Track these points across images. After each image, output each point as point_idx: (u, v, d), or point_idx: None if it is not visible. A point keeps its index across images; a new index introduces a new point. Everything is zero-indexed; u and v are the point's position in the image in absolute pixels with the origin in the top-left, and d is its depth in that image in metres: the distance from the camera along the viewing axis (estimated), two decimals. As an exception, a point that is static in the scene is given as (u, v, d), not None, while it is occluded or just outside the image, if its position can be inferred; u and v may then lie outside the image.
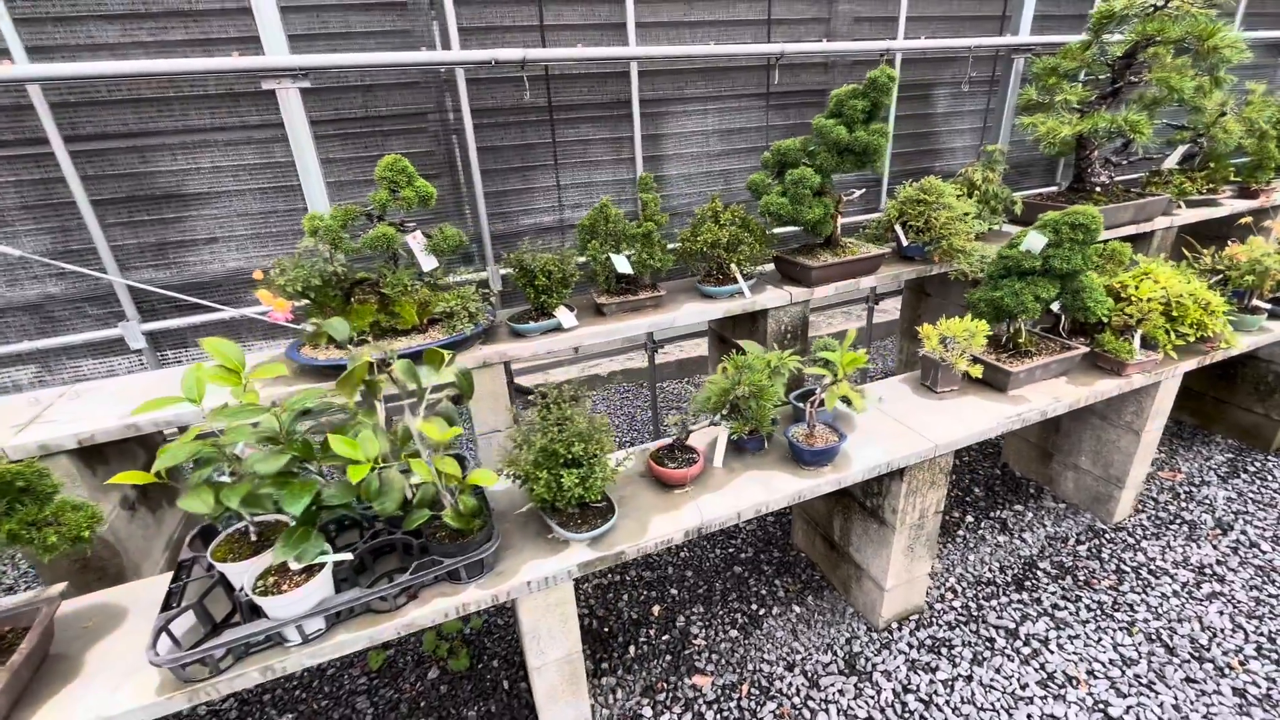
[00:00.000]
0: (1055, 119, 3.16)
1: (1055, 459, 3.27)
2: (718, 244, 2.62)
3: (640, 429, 4.15)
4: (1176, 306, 2.57)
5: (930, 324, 2.48)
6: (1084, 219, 2.27)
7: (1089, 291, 2.43)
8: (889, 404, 2.48)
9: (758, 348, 2.14)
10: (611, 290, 2.68)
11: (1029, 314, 2.39)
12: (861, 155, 2.58)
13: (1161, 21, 2.93)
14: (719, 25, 3.02)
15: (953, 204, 3.02)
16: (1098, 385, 2.52)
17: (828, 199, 2.74)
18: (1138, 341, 2.56)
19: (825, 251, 2.94)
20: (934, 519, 2.41)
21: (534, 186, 2.98)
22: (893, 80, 2.45)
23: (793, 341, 2.98)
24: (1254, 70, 4.97)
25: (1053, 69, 3.35)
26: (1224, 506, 3.14)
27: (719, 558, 3.00)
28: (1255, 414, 3.56)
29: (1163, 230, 3.80)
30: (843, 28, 3.64)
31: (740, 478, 2.07)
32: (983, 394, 2.51)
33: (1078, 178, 3.67)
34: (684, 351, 4.82)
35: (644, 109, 2.99)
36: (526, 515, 1.93)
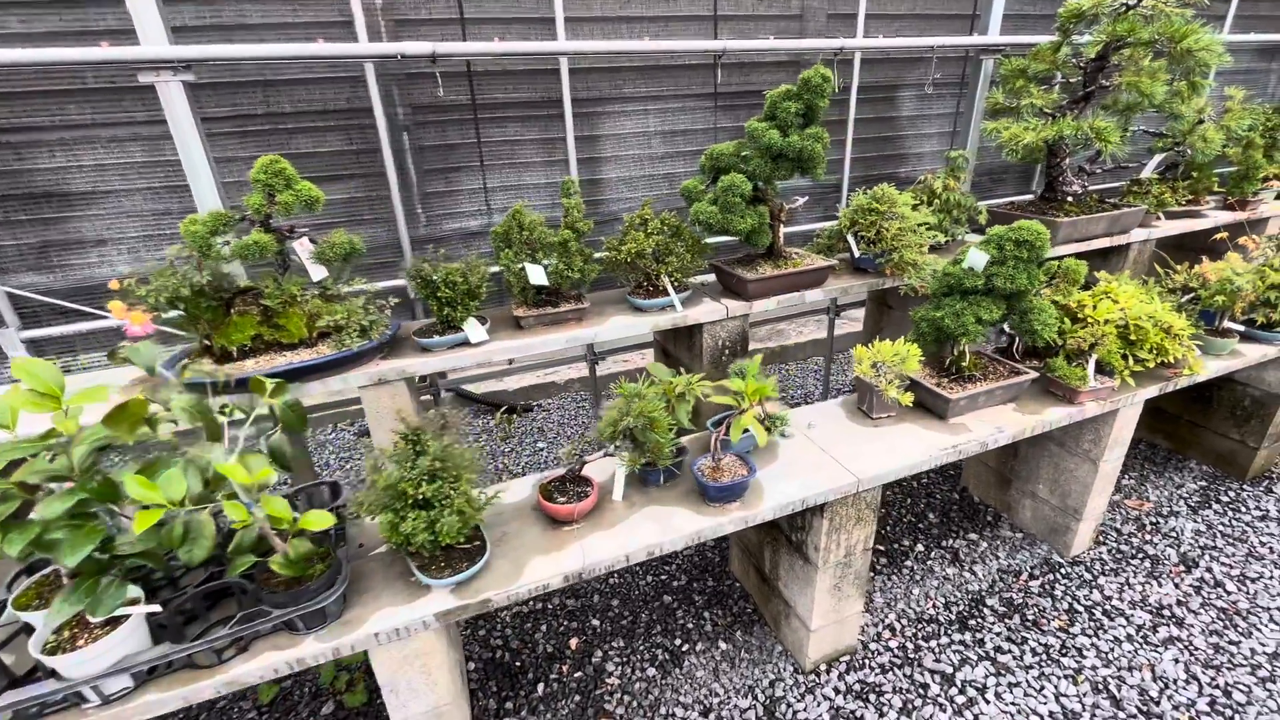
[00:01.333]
0: (1019, 125, 2.97)
1: (1014, 486, 3.09)
2: (642, 254, 2.45)
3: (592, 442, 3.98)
4: (1134, 329, 2.38)
5: (891, 339, 2.30)
6: (1029, 235, 2.09)
7: (1036, 313, 2.24)
8: (820, 430, 2.31)
9: (665, 371, 1.97)
10: (530, 302, 2.51)
11: (970, 337, 2.21)
12: (797, 161, 2.40)
13: (1132, 22, 2.73)
14: (659, 21, 2.84)
15: (906, 214, 2.83)
16: (1046, 414, 2.34)
17: (764, 207, 2.56)
18: (1092, 367, 2.37)
19: (766, 263, 2.76)
20: (863, 557, 2.23)
21: (459, 189, 2.81)
22: (827, 81, 2.27)
23: (732, 357, 2.80)
24: (1246, 75, 4.76)
25: (1021, 71, 3.16)
26: (1191, 540, 2.95)
27: (650, 585, 2.83)
28: (1231, 440, 3.36)
29: (1140, 243, 3.61)
30: (815, 25, 3.45)
31: (638, 514, 1.90)
32: (922, 421, 2.33)
33: (1049, 187, 3.47)
34: (629, 363, 4.64)
35: (578, 108, 2.82)
36: (393, 553, 1.77)
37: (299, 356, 2.09)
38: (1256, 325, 2.81)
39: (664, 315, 2.59)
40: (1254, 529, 3.00)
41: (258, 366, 2.01)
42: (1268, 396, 3.17)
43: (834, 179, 3.52)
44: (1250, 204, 3.91)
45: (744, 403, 1.82)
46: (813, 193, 3.52)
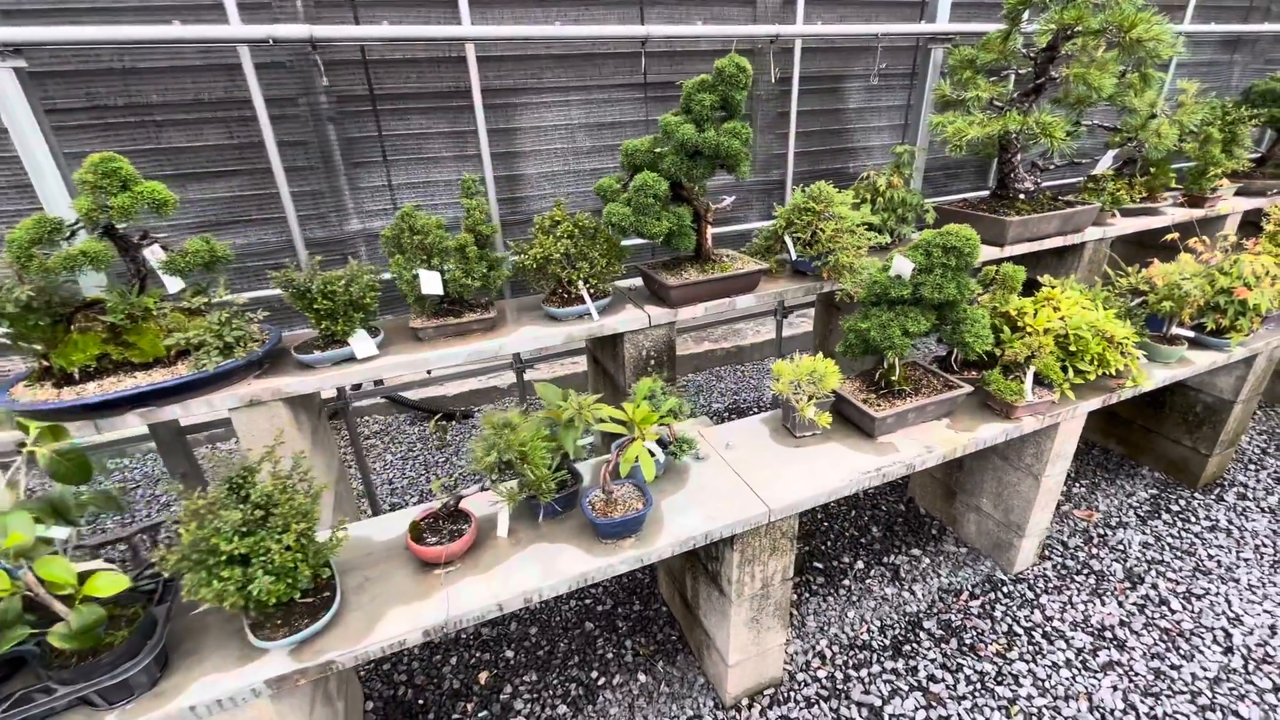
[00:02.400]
0: (964, 119, 2.80)
1: (958, 499, 2.96)
2: (549, 259, 2.25)
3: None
4: (1074, 340, 2.23)
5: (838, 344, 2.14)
6: (956, 241, 1.92)
7: (969, 324, 2.08)
8: (738, 451, 2.14)
9: (554, 393, 1.78)
10: (429, 312, 2.30)
11: (896, 350, 2.05)
12: (716, 159, 2.21)
13: (1080, 9, 2.57)
14: (578, 5, 2.62)
15: (844, 213, 2.66)
16: (980, 431, 2.19)
17: (685, 208, 2.37)
18: (1030, 380, 2.23)
19: (692, 267, 2.57)
20: (782, 587, 2.07)
21: (360, 186, 2.58)
22: (743, 71, 2.07)
23: (657, 368, 2.62)
24: (1209, 67, 4.64)
25: (969, 62, 2.99)
26: (1138, 554, 2.84)
27: (573, 610, 2.66)
28: (1183, 446, 3.26)
29: (1095, 242, 3.47)
30: (770, 10, 3.25)
31: (523, 553, 1.71)
32: (848, 439, 2.17)
33: (1001, 184, 3.32)
34: (565, 368, 4.46)
35: (490, 99, 2.60)
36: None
37: (151, 378, 1.87)
38: (1206, 331, 2.69)
39: (580, 325, 2.40)
40: (1202, 541, 2.90)
41: (101, 390, 1.79)
42: (1219, 403, 3.06)
43: (778, 175, 3.34)
44: (1209, 201, 3.80)
45: (637, 432, 1.64)
46: (757, 190, 3.34)
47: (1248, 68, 4.82)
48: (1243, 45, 4.67)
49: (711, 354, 4.95)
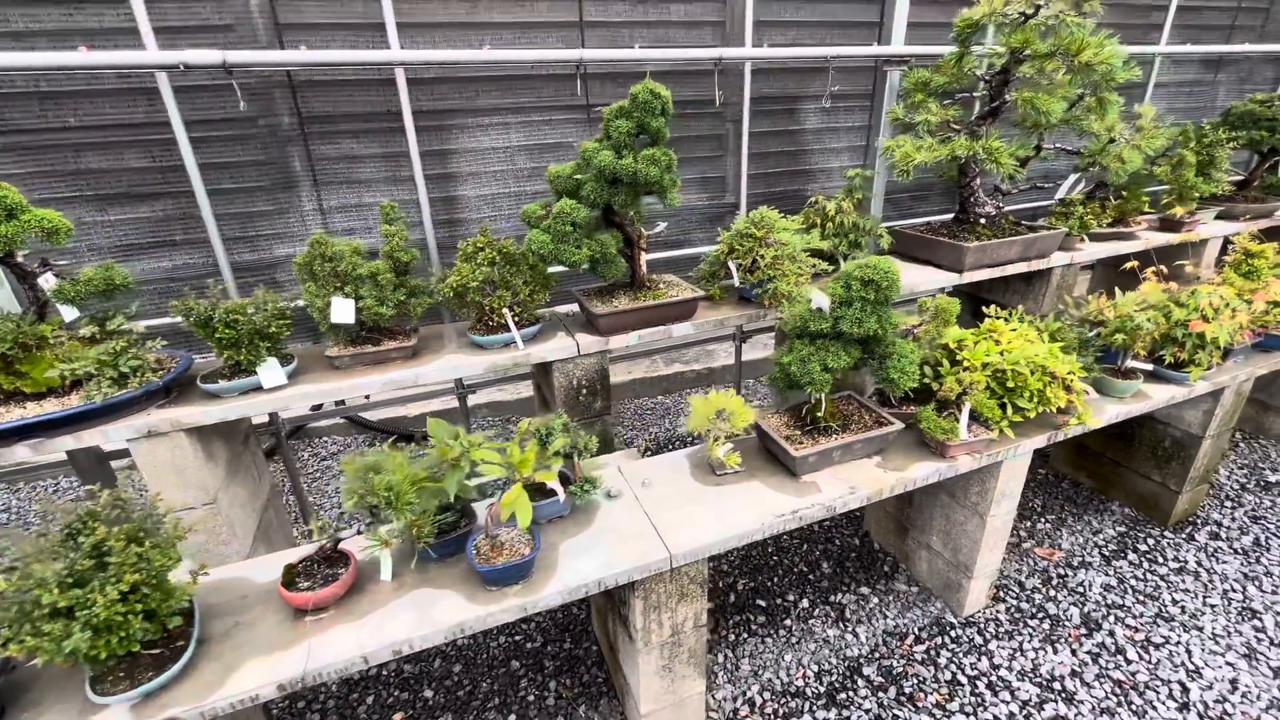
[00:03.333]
0: (912, 143, 2.73)
1: (910, 535, 2.84)
2: (465, 289, 2.19)
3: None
4: (1012, 375, 2.13)
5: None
6: (874, 274, 1.84)
7: (894, 359, 1.99)
8: (656, 489, 2.05)
9: (445, 430, 1.71)
10: (347, 339, 2.25)
11: (816, 386, 1.96)
12: (636, 186, 2.15)
13: (1026, 33, 2.49)
14: (514, 28, 2.59)
15: (786, 239, 2.58)
16: (911, 471, 2.09)
17: (610, 236, 2.31)
18: (965, 417, 2.13)
19: (624, 295, 2.51)
20: (695, 634, 1.97)
21: (288, 209, 2.55)
22: (659, 98, 2.02)
23: (590, 398, 2.55)
24: (1192, 87, 4.54)
25: (922, 84, 2.92)
26: (1098, 597, 2.70)
27: (501, 646, 2.57)
28: (1152, 481, 3.12)
29: (1063, 268, 3.36)
30: (740, 33, 3.21)
31: (403, 599, 1.64)
32: (772, 477, 2.08)
33: (961, 208, 3.23)
34: (523, 391, 4.39)
35: (423, 121, 2.56)
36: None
37: (42, 409, 1.82)
38: (1166, 364, 2.57)
39: (504, 354, 2.33)
40: (1168, 584, 2.75)
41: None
42: (1188, 438, 2.93)
43: (731, 199, 3.28)
44: (1187, 224, 3.68)
45: (518, 475, 1.56)
46: (711, 213, 3.27)
47: (1232, 88, 4.71)
48: (1226, 65, 4.57)
49: (682, 376, 4.87)
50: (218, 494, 2.17)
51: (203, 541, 2.19)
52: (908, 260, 3.31)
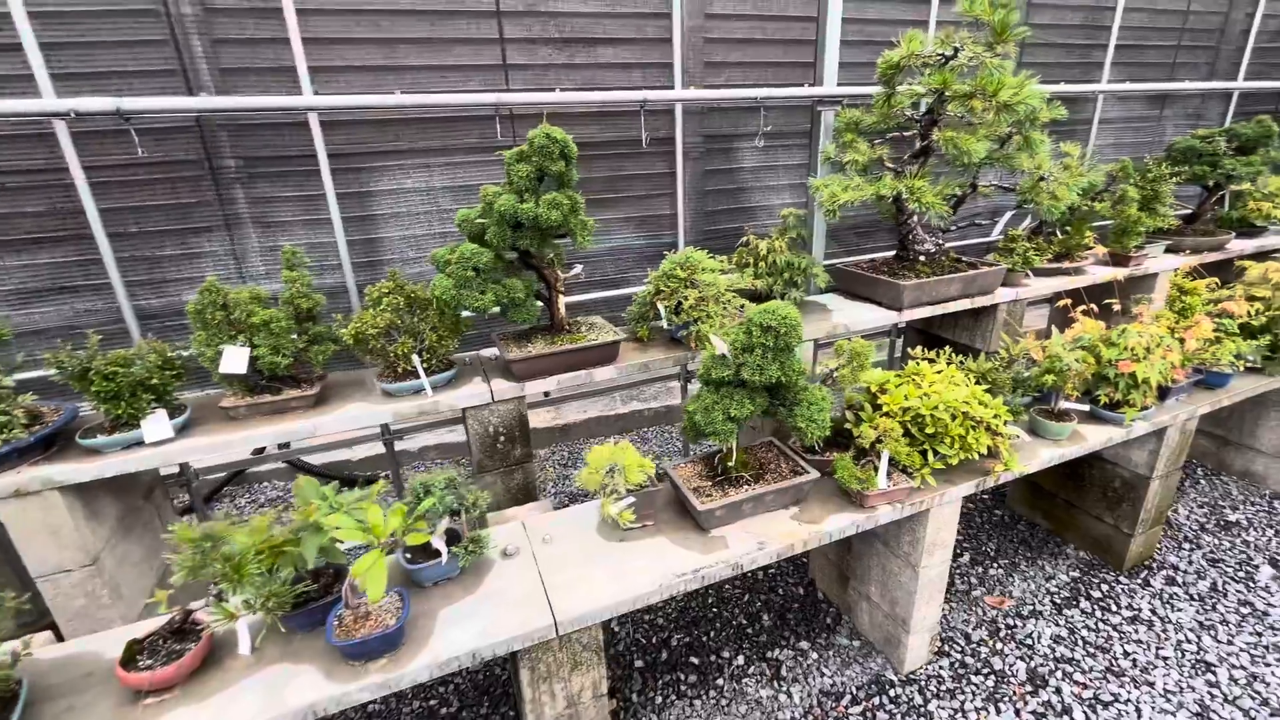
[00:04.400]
0: (840, 182, 2.70)
1: (851, 584, 2.72)
2: (363, 336, 2.12)
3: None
4: (931, 420, 2.05)
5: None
6: (773, 320, 1.77)
7: (804, 406, 1.91)
8: (557, 546, 1.94)
9: (313, 489, 1.62)
10: (245, 389, 2.16)
11: (720, 436, 1.88)
12: (540, 230, 2.10)
13: (945, 75, 2.49)
14: (434, 71, 2.59)
15: (710, 280, 2.53)
16: (826, 523, 1.99)
17: (518, 280, 2.25)
18: (884, 465, 2.04)
19: (541, 339, 2.44)
20: (595, 705, 1.84)
21: (199, 253, 2.49)
22: (556, 142, 1.98)
23: (509, 446, 2.46)
24: (1139, 122, 4.59)
25: (853, 124, 2.91)
26: (1047, 650, 2.57)
27: (414, 713, 2.41)
28: (1105, 524, 3.02)
29: (1008, 303, 3.32)
30: (695, 69, 3.22)
31: (256, 676, 1.51)
32: (680, 532, 1.97)
33: (902, 245, 3.20)
34: (457, 434, 4.29)
35: (340, 164, 2.53)
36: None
37: (-105, 468, 1.72)
38: (1102, 404, 2.50)
39: (412, 402, 2.25)
40: (1120, 635, 2.63)
41: None
42: (1136, 478, 2.84)
43: (670, 238, 3.25)
44: (1133, 259, 3.67)
45: (376, 542, 1.46)
46: (651, 251, 3.23)
47: (1181, 122, 4.77)
48: (1173, 101, 4.63)
49: (640, 414, 4.77)
50: (100, 555, 2.06)
51: (81, 606, 2.06)
52: (850, 298, 3.27)
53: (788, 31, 3.12)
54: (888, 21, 3.44)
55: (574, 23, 2.72)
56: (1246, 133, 3.73)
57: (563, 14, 2.69)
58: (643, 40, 2.86)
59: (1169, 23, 4.32)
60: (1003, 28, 2.33)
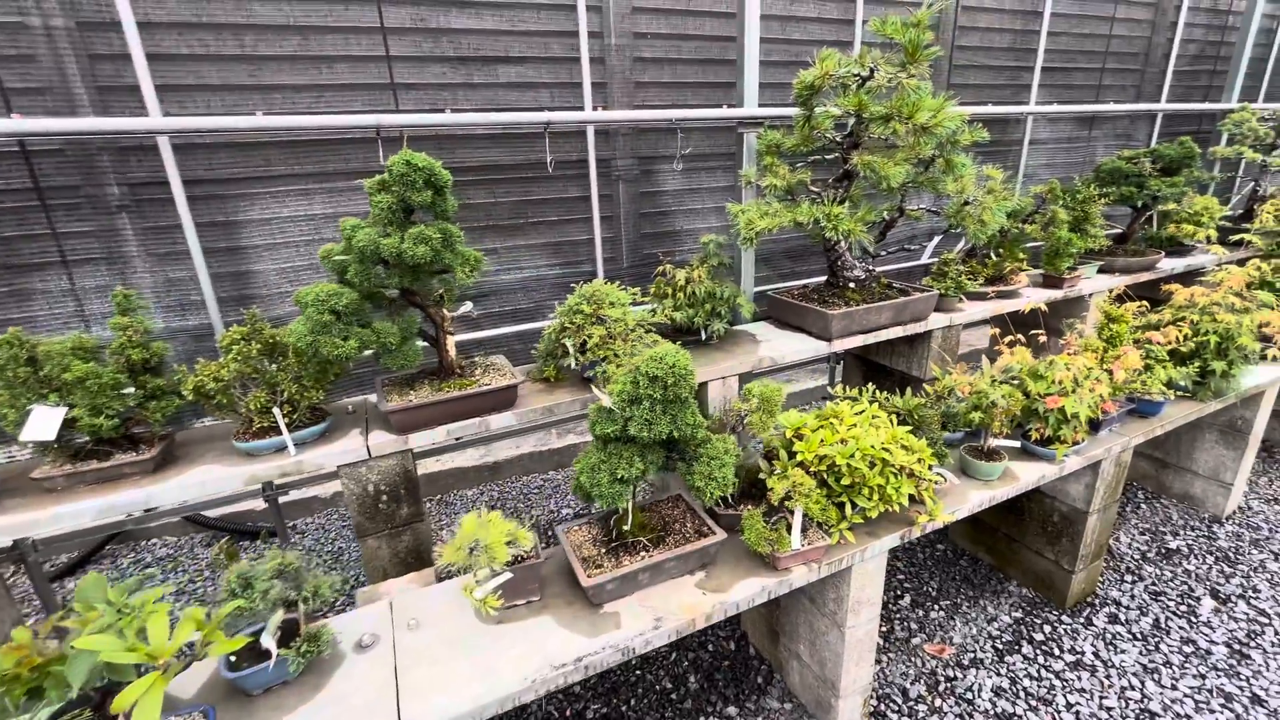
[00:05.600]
0: (757, 208, 2.55)
1: (781, 641, 2.51)
2: (204, 390, 1.84)
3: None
4: (847, 470, 1.87)
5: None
6: (659, 369, 1.57)
7: (703, 462, 1.71)
8: (423, 630, 1.68)
9: (97, 589, 1.33)
10: (67, 454, 1.86)
11: (605, 500, 1.66)
12: (411, 268, 1.86)
13: (858, 96, 2.37)
14: (310, 90, 2.35)
15: (619, 315, 2.33)
16: (733, 592, 1.78)
17: (394, 322, 2.00)
18: (798, 522, 1.84)
19: (427, 384, 2.19)
20: (464, 822, 1.57)
21: (31, 290, 2.18)
22: (418, 169, 1.76)
23: (393, 505, 2.19)
24: (1069, 142, 4.62)
25: (774, 146, 2.77)
26: (988, 704, 2.39)
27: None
28: (1046, 559, 2.89)
29: (943, 329, 3.20)
30: (621, 93, 3.04)
31: (6, 836, 1.21)
32: (570, 608, 1.74)
33: (832, 271, 3.06)
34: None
35: (198, 190, 2.27)
36: None
37: None
38: (1033, 440, 2.37)
39: (271, 462, 1.97)
40: (1063, 683, 2.47)
41: None
42: (1074, 513, 2.72)
43: (588, 266, 3.04)
44: (1067, 281, 3.61)
45: (161, 660, 1.18)
46: (567, 282, 3.02)
47: (1112, 143, 4.82)
48: (1101, 121, 4.67)
49: (576, 448, 4.53)
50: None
51: None
52: (782, 326, 3.11)
53: (707, 51, 2.98)
54: (815, 41, 3.35)
55: (469, 40, 2.52)
56: (1170, 154, 3.74)
57: (456, 31, 2.49)
58: (549, 59, 2.68)
59: (1094, 45, 4.37)
60: (914, 48, 2.21)
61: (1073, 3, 4.13)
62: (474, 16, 2.50)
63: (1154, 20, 4.56)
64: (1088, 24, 4.25)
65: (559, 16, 2.63)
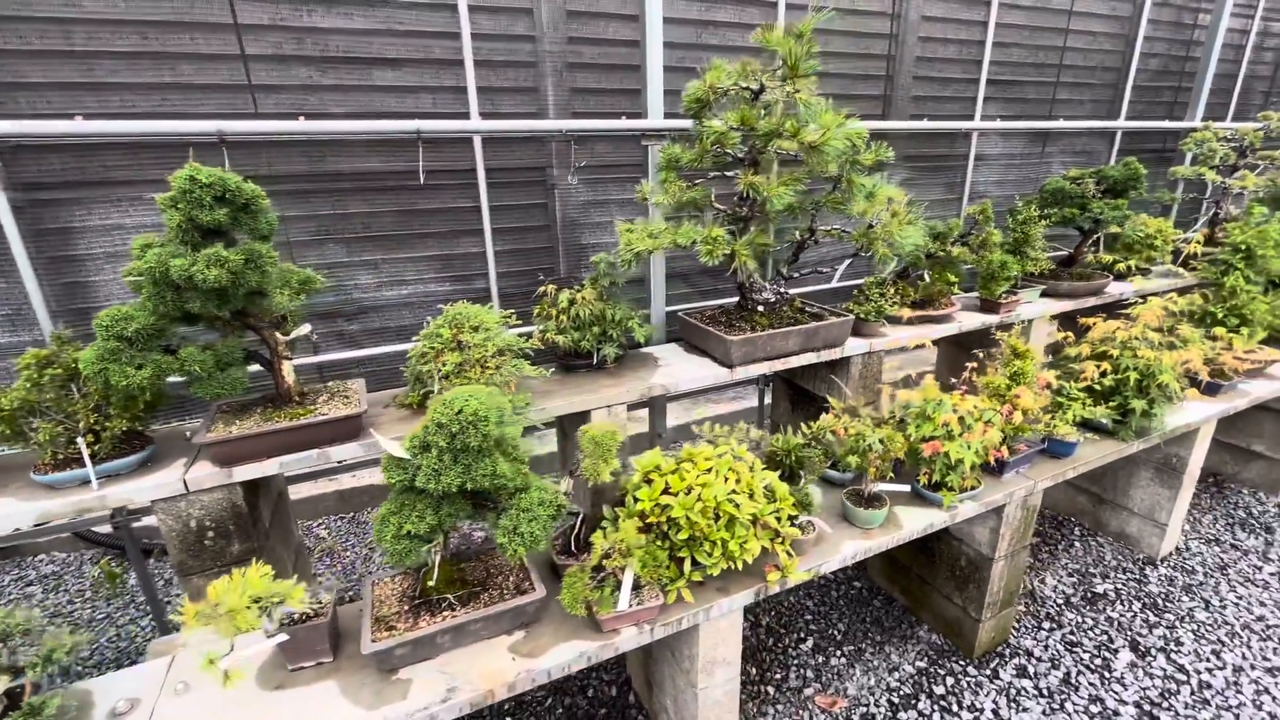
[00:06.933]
0: (642, 227, 2.38)
1: (654, 692, 2.34)
2: None
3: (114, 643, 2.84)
4: (686, 524, 1.71)
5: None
6: (444, 415, 1.40)
7: (509, 515, 1.54)
8: (192, 694, 1.52)
9: None
10: None
11: (392, 558, 1.49)
12: (214, 292, 1.69)
13: (743, 112, 2.20)
14: (154, 90, 2.19)
15: (480, 340, 2.16)
16: (544, 659, 1.61)
17: (216, 349, 1.84)
18: (628, 580, 1.67)
19: (258, 414, 2.02)
20: None
21: None
22: (204, 185, 1.59)
23: (222, 542, 2.02)
24: (1021, 161, 4.44)
25: (672, 162, 2.60)
26: (870, 768, 2.23)
27: None
28: (955, 605, 2.72)
29: (863, 356, 3.03)
30: (560, 99, 2.87)
31: None
32: (360, 674, 1.57)
33: (741, 294, 2.90)
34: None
35: (25, 195, 2.10)
36: None
37: None
38: (923, 484, 2.20)
39: (68, 497, 1.81)
40: (954, 746, 2.31)
41: None
42: (980, 558, 2.55)
43: (481, 283, 2.88)
44: (1004, 305, 3.44)
45: None
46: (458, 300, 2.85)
47: (1069, 160, 4.65)
48: (1056, 138, 4.50)
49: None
50: None
51: None
52: (691, 350, 2.94)
53: (609, 57, 2.82)
54: (734, 49, 3.17)
55: (337, 40, 2.36)
56: (1115, 175, 3.57)
57: (323, 30, 2.33)
58: (431, 62, 2.51)
59: (1047, 58, 4.19)
60: (795, 61, 2.04)
61: (1024, 14, 3.96)
62: (343, 16, 2.33)
63: (1114, 33, 4.39)
64: (1040, 35, 4.08)
65: (440, 17, 2.47)
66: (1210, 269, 3.39)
